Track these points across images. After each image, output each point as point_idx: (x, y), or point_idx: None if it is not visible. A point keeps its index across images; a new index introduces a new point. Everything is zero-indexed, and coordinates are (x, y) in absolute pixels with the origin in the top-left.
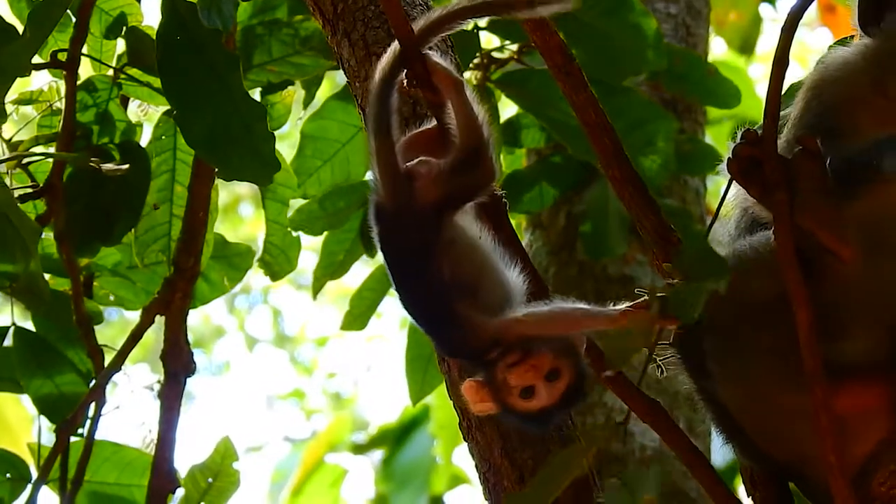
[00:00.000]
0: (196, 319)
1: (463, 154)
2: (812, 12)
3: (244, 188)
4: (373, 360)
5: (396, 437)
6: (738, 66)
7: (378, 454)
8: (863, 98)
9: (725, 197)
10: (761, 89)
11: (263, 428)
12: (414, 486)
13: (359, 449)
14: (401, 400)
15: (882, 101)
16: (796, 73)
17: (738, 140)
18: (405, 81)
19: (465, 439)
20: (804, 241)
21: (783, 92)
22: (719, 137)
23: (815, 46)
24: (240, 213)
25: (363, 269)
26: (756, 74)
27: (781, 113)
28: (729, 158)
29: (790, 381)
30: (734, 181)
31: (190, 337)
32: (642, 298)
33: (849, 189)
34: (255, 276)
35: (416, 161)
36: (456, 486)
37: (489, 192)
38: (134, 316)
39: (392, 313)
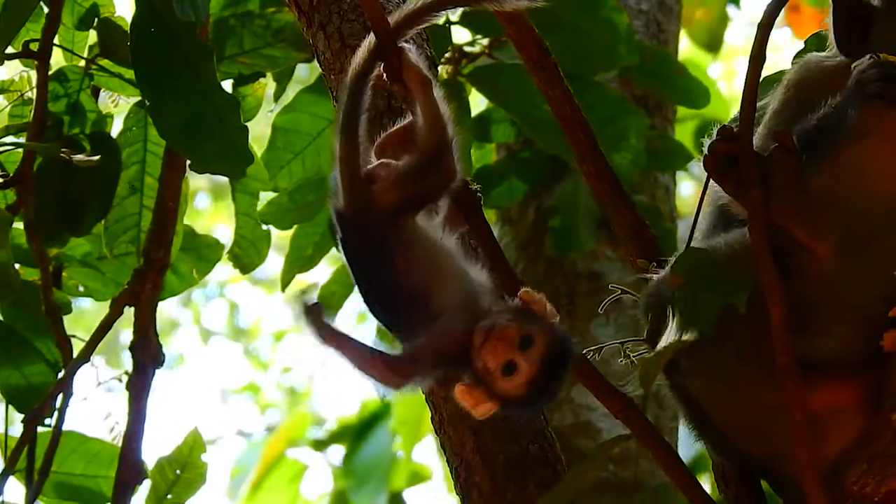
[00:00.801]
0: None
1: (424, 154)
2: None
3: (201, 180)
4: (327, 356)
5: (356, 433)
6: (699, 65)
7: (338, 450)
8: None
9: (705, 193)
10: (722, 87)
11: (218, 422)
12: (374, 482)
13: (319, 445)
14: (356, 396)
15: None
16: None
17: (713, 136)
18: (382, 75)
19: (436, 434)
20: (779, 238)
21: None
22: (683, 136)
23: (778, 44)
24: (195, 206)
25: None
26: (715, 73)
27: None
28: (705, 155)
29: (763, 376)
30: (710, 178)
31: None
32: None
33: (814, 160)
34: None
35: (376, 164)
36: (416, 483)
37: (450, 192)
38: (93, 306)
39: (348, 309)
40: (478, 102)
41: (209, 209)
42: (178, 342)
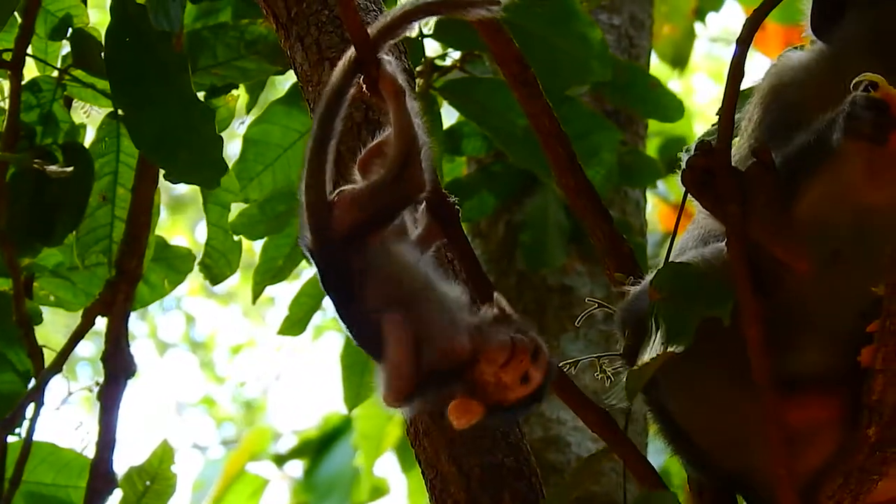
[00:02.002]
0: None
1: (388, 168)
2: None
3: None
4: (282, 370)
5: (318, 448)
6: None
7: (297, 464)
8: (821, 102)
9: (682, 208)
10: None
11: (173, 435)
12: (336, 496)
13: (279, 459)
14: (311, 409)
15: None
16: (712, 89)
17: (691, 151)
18: (362, 87)
19: (412, 446)
20: (757, 253)
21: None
22: (649, 152)
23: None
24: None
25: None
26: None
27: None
28: (682, 170)
29: (740, 392)
30: (688, 193)
31: (98, 342)
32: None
33: (793, 183)
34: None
35: (338, 191)
36: (377, 498)
37: (427, 204)
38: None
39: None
40: (449, 115)
41: (167, 222)
42: (134, 354)
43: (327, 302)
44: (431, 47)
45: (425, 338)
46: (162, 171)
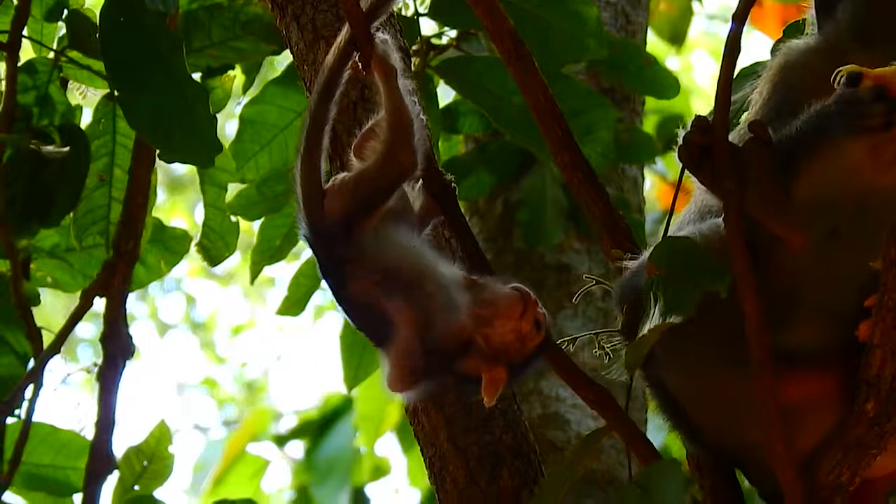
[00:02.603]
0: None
1: (380, 150)
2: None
3: (158, 173)
4: (283, 350)
5: (318, 428)
6: (657, 58)
7: (298, 445)
8: (819, 89)
9: (680, 185)
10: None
11: (174, 416)
12: (336, 477)
13: (280, 440)
14: (314, 390)
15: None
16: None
17: (688, 128)
18: (358, 65)
19: (410, 423)
20: (753, 230)
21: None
22: (650, 127)
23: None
24: None
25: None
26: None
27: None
28: (679, 146)
29: (737, 367)
30: (686, 169)
31: (98, 323)
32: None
33: (792, 164)
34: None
35: (332, 179)
36: (379, 478)
37: (424, 183)
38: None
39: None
40: (445, 94)
41: (165, 203)
42: (135, 335)
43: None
44: (428, 26)
45: (426, 321)
46: (157, 152)
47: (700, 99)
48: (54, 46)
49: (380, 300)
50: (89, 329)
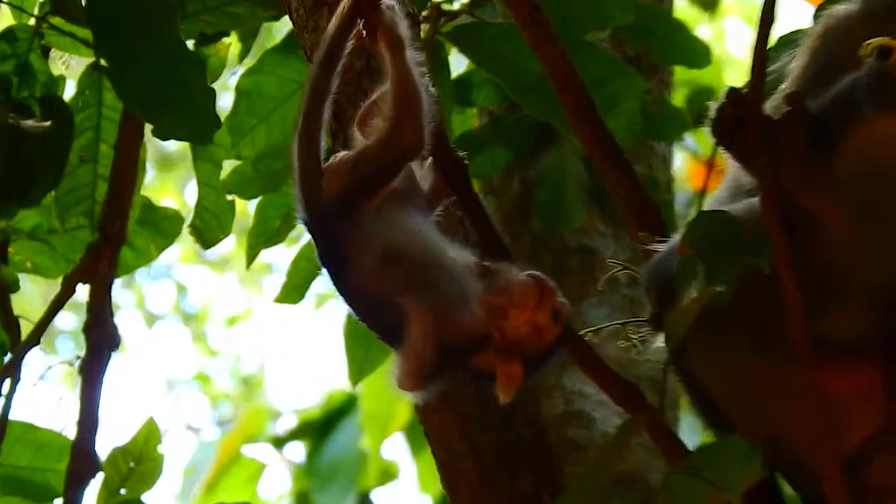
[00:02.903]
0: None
1: (382, 126)
2: None
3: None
4: (281, 342)
5: (320, 429)
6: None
7: (297, 447)
8: (857, 58)
9: (712, 163)
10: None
11: (164, 414)
12: (340, 481)
13: (278, 441)
14: (312, 386)
15: None
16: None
17: (721, 100)
18: (362, 33)
19: (420, 422)
20: (791, 208)
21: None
22: (679, 100)
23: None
24: None
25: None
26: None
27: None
28: (712, 120)
29: (775, 359)
30: (718, 145)
31: (80, 314)
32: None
33: (831, 137)
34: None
35: (331, 158)
36: (386, 482)
37: (419, 160)
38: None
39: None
40: (458, 64)
41: (154, 182)
42: (121, 326)
43: None
44: None
45: (437, 313)
46: (148, 127)
47: (734, 69)
48: (35, 12)
49: (385, 290)
50: (70, 319)
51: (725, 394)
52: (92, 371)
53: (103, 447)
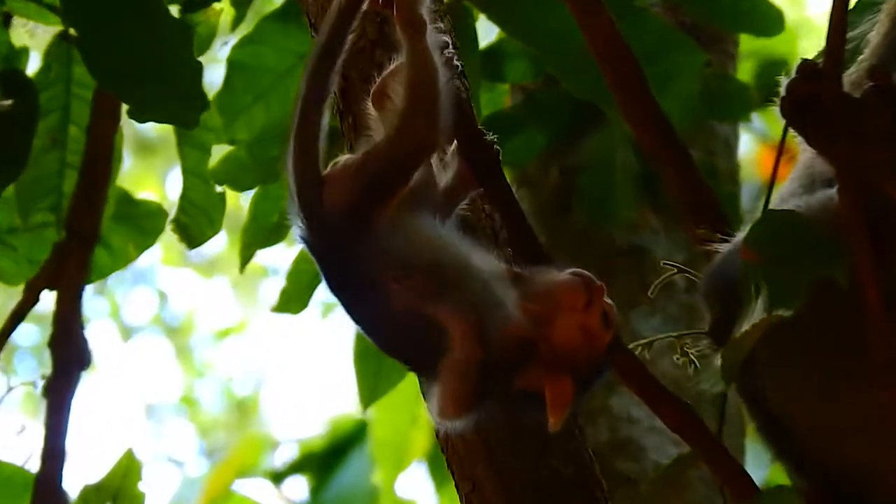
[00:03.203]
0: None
1: (396, 120)
2: None
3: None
4: (280, 359)
5: (325, 461)
6: None
7: (299, 482)
8: None
9: (782, 147)
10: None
11: (144, 444)
12: None
13: (277, 476)
14: (316, 411)
15: None
16: None
17: (793, 75)
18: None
19: (442, 451)
20: (874, 202)
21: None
22: (743, 77)
23: None
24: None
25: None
26: None
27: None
28: (782, 97)
29: (860, 377)
30: (790, 127)
31: (43, 326)
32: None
33: None
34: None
35: (331, 165)
36: None
37: (429, 158)
38: None
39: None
40: (487, 32)
41: (131, 171)
42: (92, 340)
43: None
44: None
45: (477, 328)
46: (125, 107)
47: (809, 38)
48: None
49: (413, 310)
50: (31, 333)
51: (800, 417)
52: (58, 394)
53: (72, 483)
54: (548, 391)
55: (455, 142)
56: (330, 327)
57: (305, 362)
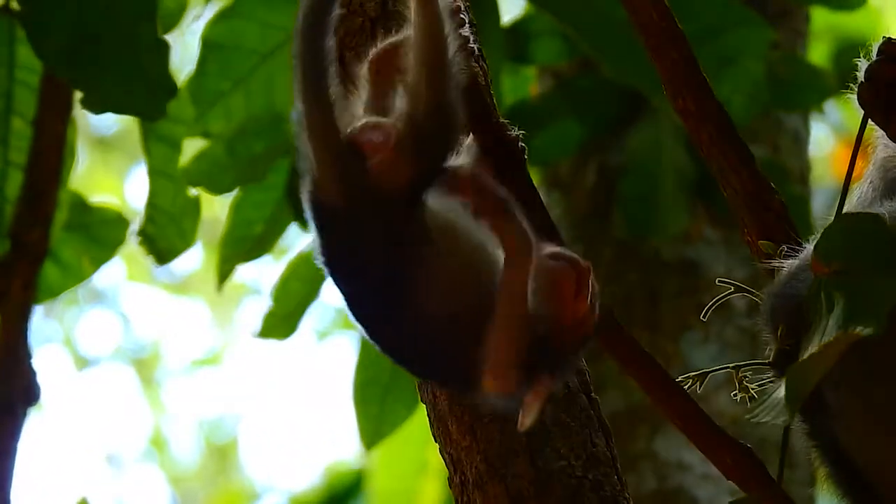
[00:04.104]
0: None
1: (427, 92)
2: None
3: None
4: (264, 395)
5: None
6: None
7: None
8: None
9: (860, 142)
10: None
11: (99, 494)
12: None
13: None
14: (309, 457)
15: None
16: None
17: (874, 57)
18: None
19: (457, 502)
20: None
21: None
22: (818, 57)
23: None
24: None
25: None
26: None
27: None
28: (861, 84)
29: None
30: (869, 118)
31: None
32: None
33: None
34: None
35: (359, 127)
36: None
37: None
38: None
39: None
40: (511, 6)
41: (87, 171)
42: (41, 372)
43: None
44: None
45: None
46: (78, 95)
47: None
48: None
49: (464, 300)
50: None
51: (879, 463)
52: (2, 435)
53: None
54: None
55: (471, 136)
56: (324, 356)
57: (293, 398)
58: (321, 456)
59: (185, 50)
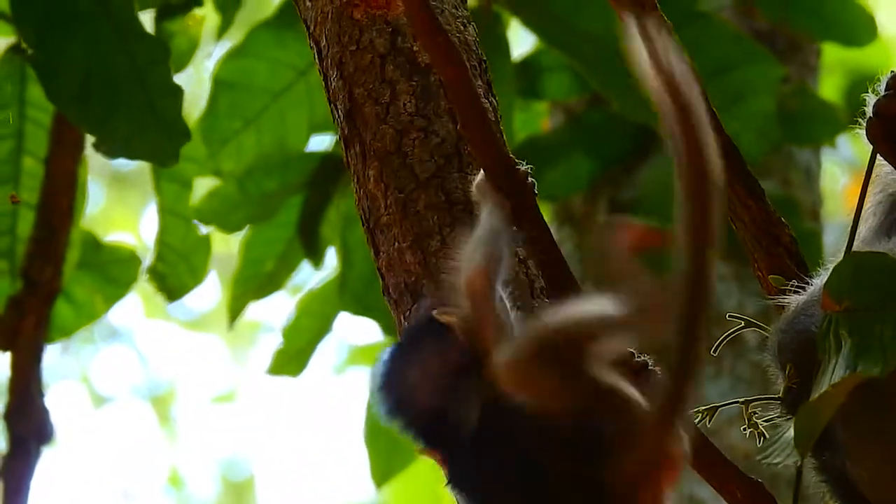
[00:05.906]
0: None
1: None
2: None
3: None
4: (278, 431)
5: None
6: None
7: None
8: None
9: (869, 176)
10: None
11: None
12: None
13: None
14: (323, 493)
15: None
16: None
17: (881, 91)
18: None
19: None
20: None
21: None
22: (828, 93)
23: None
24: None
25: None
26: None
27: None
28: (869, 119)
29: None
30: (877, 153)
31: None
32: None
33: None
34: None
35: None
36: None
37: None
38: None
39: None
40: (521, 41)
41: (100, 209)
42: (55, 410)
43: (343, 321)
44: None
45: None
46: (90, 139)
47: None
48: None
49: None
50: None
51: (890, 502)
52: (15, 473)
53: None
54: None
55: (483, 171)
56: (340, 391)
57: (310, 434)
58: (337, 493)
59: (196, 86)
